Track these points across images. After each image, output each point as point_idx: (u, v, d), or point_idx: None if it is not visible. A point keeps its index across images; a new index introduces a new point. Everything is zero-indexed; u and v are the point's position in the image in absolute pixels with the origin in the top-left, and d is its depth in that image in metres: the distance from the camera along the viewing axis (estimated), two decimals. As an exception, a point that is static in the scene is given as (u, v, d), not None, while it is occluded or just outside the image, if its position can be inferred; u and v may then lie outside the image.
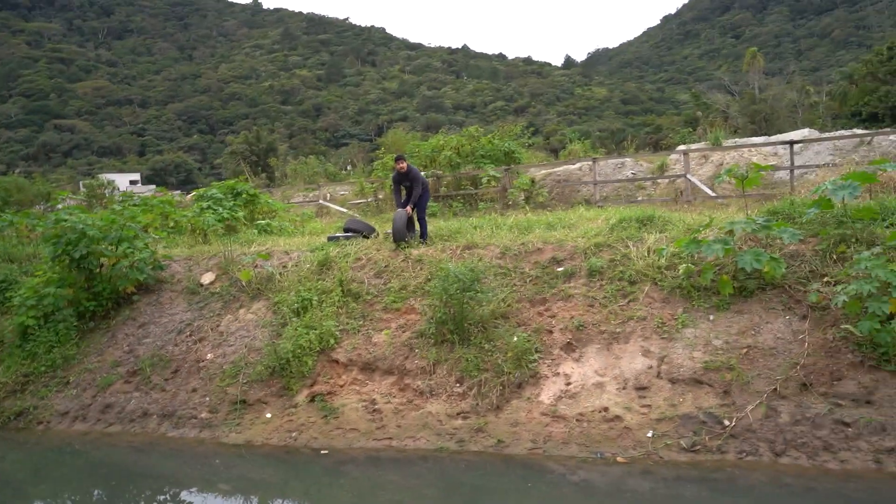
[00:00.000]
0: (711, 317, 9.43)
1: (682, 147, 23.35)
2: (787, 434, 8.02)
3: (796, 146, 17.58)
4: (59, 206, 18.56)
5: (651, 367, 9.14)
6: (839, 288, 8.52)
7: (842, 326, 8.54)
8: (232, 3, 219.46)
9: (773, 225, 9.50)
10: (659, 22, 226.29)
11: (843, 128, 36.43)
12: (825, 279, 9.18)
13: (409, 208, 12.69)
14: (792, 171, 16.72)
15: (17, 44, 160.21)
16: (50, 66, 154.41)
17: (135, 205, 17.11)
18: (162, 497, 9.24)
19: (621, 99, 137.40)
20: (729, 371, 8.70)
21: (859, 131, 23.69)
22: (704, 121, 38.05)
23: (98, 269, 13.15)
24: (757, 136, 30.77)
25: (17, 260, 15.25)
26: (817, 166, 17.56)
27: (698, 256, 9.90)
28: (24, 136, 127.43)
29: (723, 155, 20.70)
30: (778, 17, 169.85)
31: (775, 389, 8.39)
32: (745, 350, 8.88)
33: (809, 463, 7.74)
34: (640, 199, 19.82)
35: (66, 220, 13.04)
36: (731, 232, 9.77)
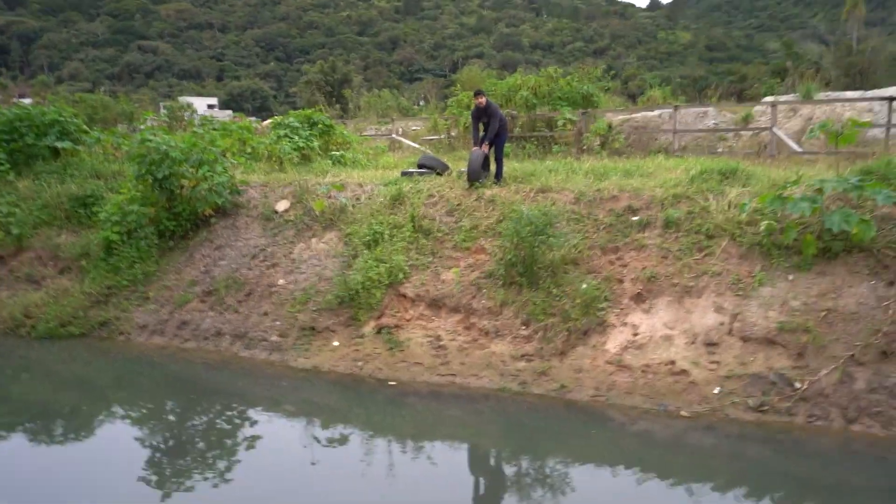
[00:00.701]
0: (791, 277, 9.19)
1: (768, 98, 22.42)
2: (861, 401, 7.88)
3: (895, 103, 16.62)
4: (142, 127, 18.99)
5: (723, 324, 9.04)
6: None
7: (935, 294, 8.26)
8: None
9: (866, 185, 9.06)
10: None
11: (948, 85, 34.12)
12: (920, 245, 8.82)
13: (485, 146, 12.54)
14: (888, 130, 15.75)
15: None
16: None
17: (214, 129, 17.42)
18: (230, 413, 9.57)
19: (706, 45, 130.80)
20: (805, 333, 8.53)
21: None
22: (794, 72, 36.19)
23: (179, 191, 13.40)
24: (851, 90, 29.00)
25: (103, 176, 15.61)
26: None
27: (782, 214, 9.55)
28: (110, 56, 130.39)
29: (813, 109, 19.68)
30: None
31: (853, 355, 8.20)
32: (823, 313, 8.68)
33: (884, 432, 7.61)
34: (720, 150, 19.22)
35: (150, 141, 13.31)
36: (819, 190, 9.34)
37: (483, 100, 12.63)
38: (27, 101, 29.04)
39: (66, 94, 44.19)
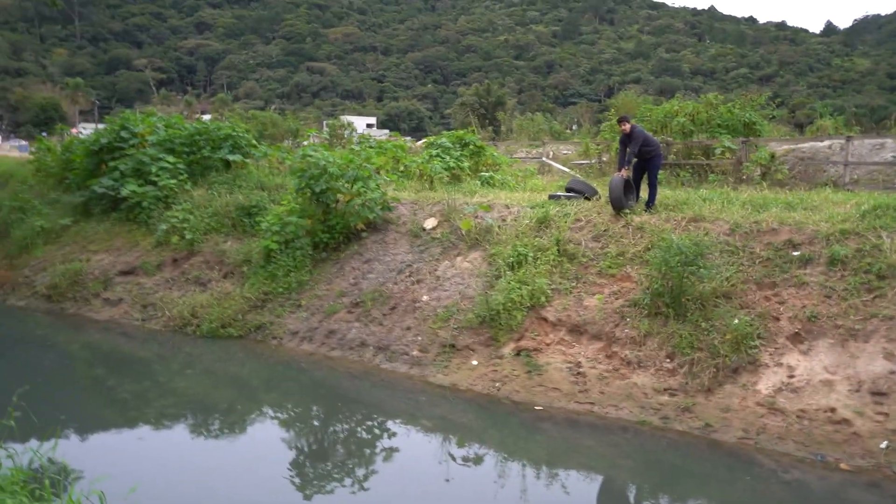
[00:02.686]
0: (971, 324, 8.32)
1: None
2: None
3: None
4: (305, 143, 19.81)
5: (893, 373, 8.25)
6: None
7: None
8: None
9: None
10: None
11: None
12: None
13: (624, 172, 12.07)
14: None
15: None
16: (308, 12, 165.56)
17: (371, 147, 17.94)
18: (370, 423, 9.76)
19: (888, 73, 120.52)
20: None
21: None
22: None
23: (334, 204, 13.77)
24: None
25: (267, 188, 16.32)
26: None
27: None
28: (281, 76, 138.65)
29: None
30: None
31: None
32: None
33: None
34: None
35: (311, 156, 13.87)
36: None
37: (627, 126, 12.17)
38: (207, 117, 31.08)
39: (241, 111, 47.01)
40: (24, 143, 50.50)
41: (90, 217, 17.65)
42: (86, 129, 25.52)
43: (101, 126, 19.87)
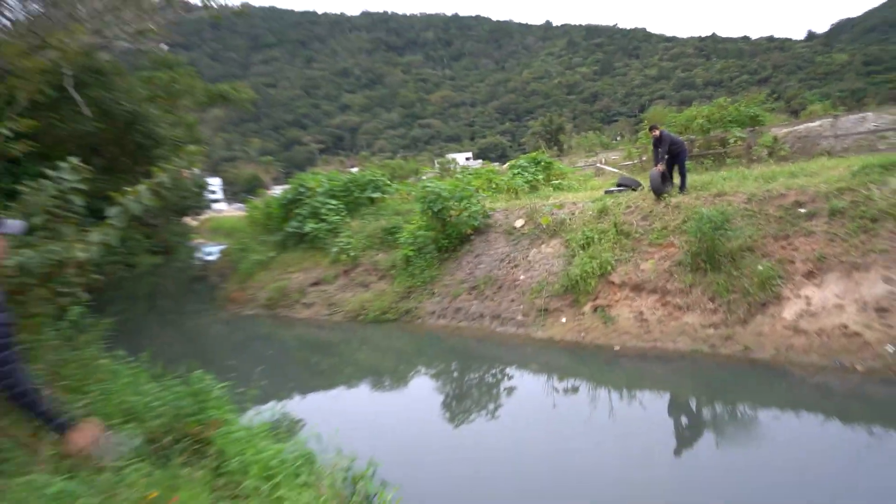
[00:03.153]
0: (956, 249, 7.71)
1: None
2: None
3: None
4: (423, 177, 20.24)
5: (893, 292, 7.78)
6: None
7: None
8: (529, 25, 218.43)
9: None
10: None
11: None
12: None
13: (660, 167, 11.80)
14: None
15: (396, 73, 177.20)
16: (415, 84, 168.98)
17: (469, 174, 18.21)
18: (494, 371, 9.91)
19: (863, 62, 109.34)
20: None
21: None
22: None
23: (448, 218, 14.03)
24: None
25: (401, 213, 16.74)
26: None
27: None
28: (402, 133, 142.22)
29: None
30: None
31: None
32: None
33: None
34: (882, 148, 16.35)
35: (428, 186, 14.27)
36: None
37: (657, 132, 12.00)
38: (355, 169, 32.22)
39: (377, 162, 48.32)
40: (240, 206, 53.75)
41: (286, 249, 18.60)
42: (277, 190, 26.99)
43: (286, 187, 20.95)
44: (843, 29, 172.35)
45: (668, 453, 6.26)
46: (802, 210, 9.61)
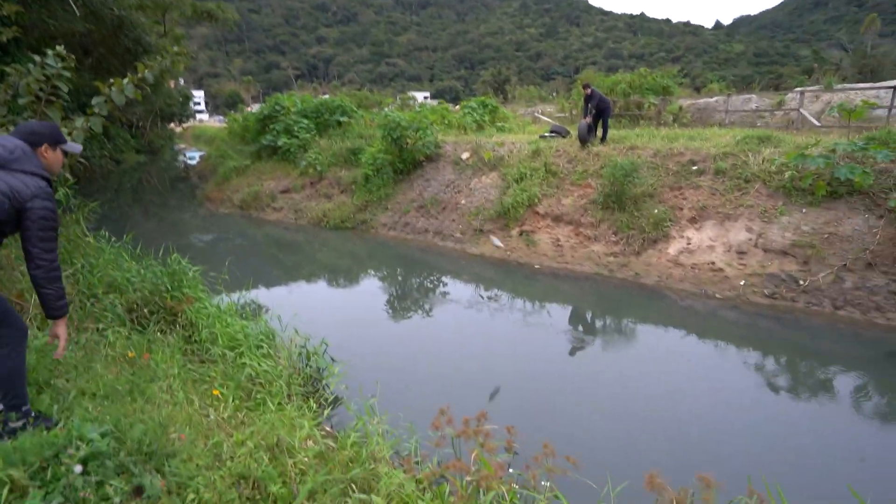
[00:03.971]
0: (804, 210, 8.13)
1: (798, 89, 19.45)
2: (847, 295, 7.03)
3: (897, 90, 13.77)
4: (386, 109, 19.49)
5: (751, 240, 8.21)
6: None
7: (914, 226, 7.08)
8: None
9: (870, 147, 7.81)
10: None
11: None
12: (908, 190, 7.54)
13: (588, 119, 11.73)
14: (890, 111, 13.12)
15: (369, 13, 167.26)
16: (385, 26, 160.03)
17: (427, 110, 17.60)
18: (432, 277, 9.97)
19: (754, 53, 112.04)
20: (811, 248, 7.60)
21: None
22: (819, 71, 30.64)
23: (405, 145, 13.68)
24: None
25: (363, 137, 16.22)
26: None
27: (802, 166, 8.41)
28: (370, 69, 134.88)
29: (832, 96, 16.71)
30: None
31: (845, 265, 7.27)
32: (826, 235, 7.67)
33: (861, 317, 6.80)
34: (759, 124, 16.84)
35: (390, 115, 13.76)
36: (833, 150, 8.26)
37: (589, 90, 11.79)
38: (325, 95, 30.71)
39: (346, 91, 46.05)
40: (221, 118, 50.58)
41: (261, 159, 17.87)
42: (255, 107, 25.50)
43: (263, 105, 19.77)
44: (742, 23, 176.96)
45: (564, 352, 6.55)
46: (694, 167, 9.82)
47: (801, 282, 7.41)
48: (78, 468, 2.22)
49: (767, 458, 4.22)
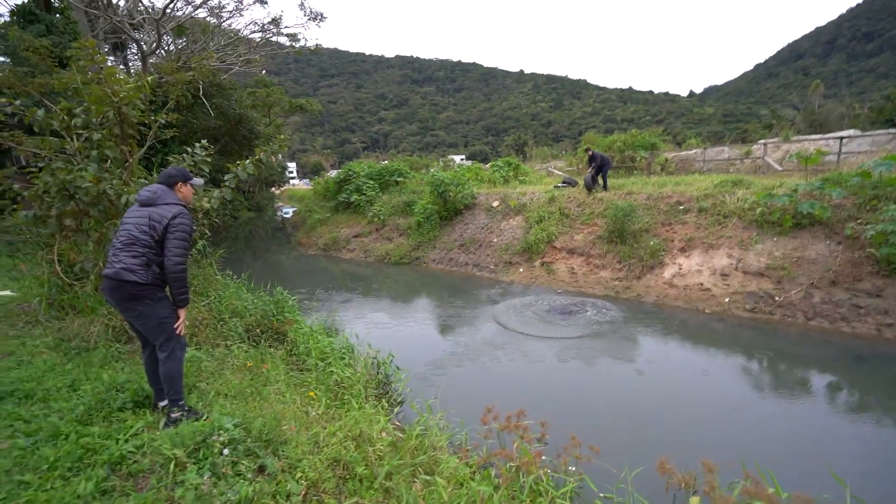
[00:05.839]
0: (775, 238, 7.79)
1: (762, 141, 18.85)
2: (816, 308, 6.62)
3: (844, 140, 13.38)
4: (432, 170, 19.90)
5: (732, 264, 7.88)
6: (868, 227, 6.77)
7: (867, 250, 6.76)
8: (508, 71, 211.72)
9: (826, 186, 7.49)
10: (752, 67, 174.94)
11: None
12: (858, 221, 7.21)
13: (590, 171, 11.70)
14: (839, 156, 12.61)
15: (416, 98, 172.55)
16: (429, 107, 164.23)
17: (464, 169, 17.87)
18: (471, 296, 9.79)
19: (723, 114, 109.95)
20: (783, 270, 7.24)
21: (893, 130, 16.99)
22: (777, 126, 29.55)
23: (448, 197, 13.88)
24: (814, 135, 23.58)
25: (415, 192, 16.50)
26: (858, 153, 13.44)
27: (770, 203, 8.11)
28: (418, 139, 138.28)
29: (790, 146, 16.21)
30: (837, 59, 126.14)
31: (813, 283, 6.91)
32: (795, 259, 7.30)
33: (830, 326, 6.37)
34: (731, 171, 16.34)
35: (436, 175, 14.07)
36: (796, 190, 8.00)
37: (591, 152, 11.86)
38: (385, 162, 31.70)
39: (401, 158, 47.35)
40: (308, 181, 53.00)
41: (338, 212, 18.46)
42: (333, 173, 26.65)
43: (339, 171, 20.62)
44: (711, 91, 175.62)
45: (583, 358, 6.37)
46: (681, 207, 9.59)
47: (777, 298, 7.03)
48: (225, 451, 2.35)
49: (756, 445, 3.95)
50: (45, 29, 11.32)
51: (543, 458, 2.97)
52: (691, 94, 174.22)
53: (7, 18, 12.08)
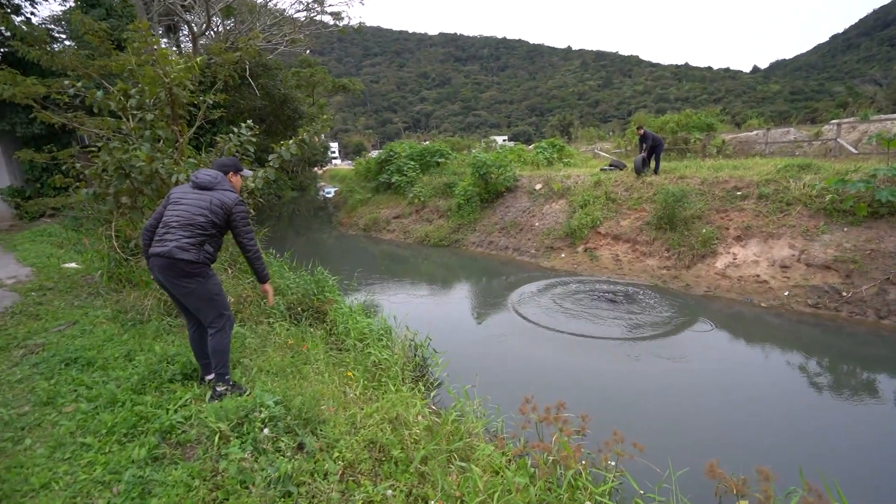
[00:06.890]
0: (846, 229, 7.11)
1: (835, 121, 16.93)
2: (891, 306, 6.05)
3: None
4: (474, 151, 19.63)
5: (794, 255, 7.27)
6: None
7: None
8: (555, 48, 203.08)
9: None
10: (828, 39, 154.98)
11: None
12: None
13: (643, 154, 11.08)
14: None
15: (459, 77, 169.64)
16: (472, 86, 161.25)
17: (506, 151, 17.48)
18: (511, 281, 9.70)
19: (790, 91, 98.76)
20: (853, 263, 6.60)
21: None
22: (854, 104, 26.41)
23: (490, 179, 13.68)
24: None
25: (457, 173, 16.37)
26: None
27: (842, 190, 7.35)
28: (460, 119, 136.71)
29: (868, 126, 14.40)
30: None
31: (888, 278, 6.23)
32: (868, 251, 6.64)
33: (911, 327, 5.67)
34: (797, 154, 14.82)
35: (477, 156, 13.85)
36: (874, 175, 7.16)
37: (642, 131, 11.19)
38: (427, 142, 31.62)
39: (442, 138, 46.99)
40: (349, 162, 54.02)
41: (379, 193, 18.65)
42: (374, 153, 26.87)
43: (381, 151, 20.73)
44: (777, 66, 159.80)
45: (628, 351, 6.14)
46: (738, 193, 8.90)
47: (844, 293, 6.42)
48: (266, 430, 2.42)
49: (818, 454, 3.65)
50: (104, 12, 11.96)
51: (583, 450, 2.87)
52: (755, 69, 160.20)
53: (72, 4, 12.83)
